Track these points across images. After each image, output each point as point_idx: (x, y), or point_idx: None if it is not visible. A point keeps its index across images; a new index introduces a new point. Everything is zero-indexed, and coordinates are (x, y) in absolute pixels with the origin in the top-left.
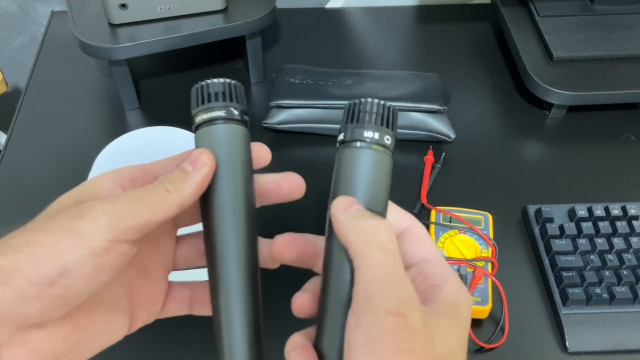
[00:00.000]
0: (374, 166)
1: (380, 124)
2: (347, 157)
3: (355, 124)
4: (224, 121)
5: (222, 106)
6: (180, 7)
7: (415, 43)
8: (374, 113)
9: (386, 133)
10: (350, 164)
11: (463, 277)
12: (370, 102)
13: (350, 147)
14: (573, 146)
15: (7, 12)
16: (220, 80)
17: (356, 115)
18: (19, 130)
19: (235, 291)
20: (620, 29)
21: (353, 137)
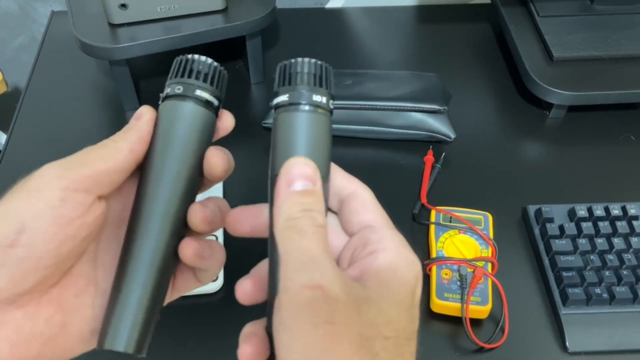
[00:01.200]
0: (312, 129)
1: (314, 84)
2: (283, 122)
3: (288, 86)
4: (193, 101)
5: (198, 86)
6: (180, 7)
7: (415, 43)
8: (307, 73)
9: (321, 93)
10: (288, 129)
11: (463, 277)
12: (302, 62)
13: (286, 112)
14: (573, 146)
15: (7, 12)
16: (207, 60)
17: (289, 77)
18: (19, 130)
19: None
20: (620, 29)
21: (288, 101)
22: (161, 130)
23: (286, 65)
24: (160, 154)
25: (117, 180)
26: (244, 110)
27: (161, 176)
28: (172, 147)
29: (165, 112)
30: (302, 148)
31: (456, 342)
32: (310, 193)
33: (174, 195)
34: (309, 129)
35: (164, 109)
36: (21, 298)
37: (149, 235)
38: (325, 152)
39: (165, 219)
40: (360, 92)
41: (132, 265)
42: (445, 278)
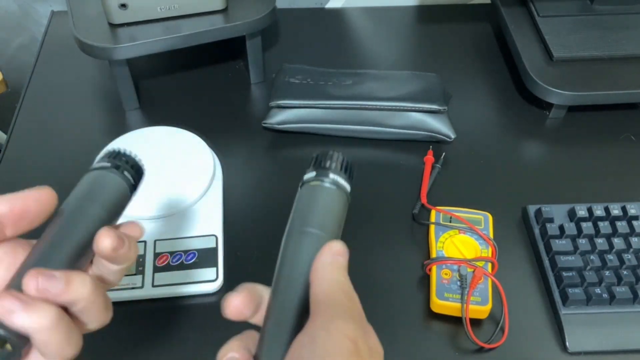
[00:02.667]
0: (329, 200)
1: (341, 170)
2: (307, 191)
3: (320, 169)
4: (110, 170)
5: (116, 164)
6: (180, 7)
7: (415, 43)
8: (337, 161)
9: (345, 178)
10: (310, 197)
11: (463, 277)
12: (336, 154)
13: (311, 185)
14: (573, 146)
15: (7, 12)
16: (133, 153)
17: (322, 161)
18: (19, 130)
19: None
20: (620, 29)
21: (314, 177)
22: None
23: (321, 154)
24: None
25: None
26: (244, 110)
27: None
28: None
29: (89, 180)
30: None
31: (456, 342)
32: (344, 269)
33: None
34: (327, 199)
35: (89, 176)
36: None
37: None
38: (338, 220)
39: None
40: (360, 92)
41: None
42: (445, 278)
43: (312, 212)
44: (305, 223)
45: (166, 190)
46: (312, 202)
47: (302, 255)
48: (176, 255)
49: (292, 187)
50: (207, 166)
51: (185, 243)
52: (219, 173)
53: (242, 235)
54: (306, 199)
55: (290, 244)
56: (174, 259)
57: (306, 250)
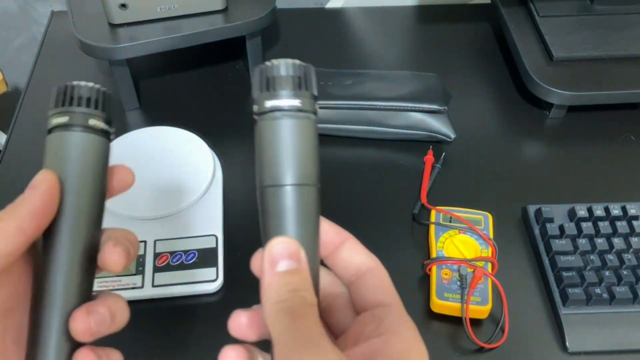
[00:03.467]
0: (297, 136)
1: (296, 88)
2: (266, 130)
3: (268, 92)
4: (81, 129)
5: (82, 112)
6: (180, 7)
7: (415, 43)
8: (288, 76)
9: (303, 96)
10: (272, 138)
11: (463, 277)
12: (281, 64)
13: (267, 120)
14: (573, 146)
15: (7, 12)
16: (88, 84)
17: (269, 82)
18: (19, 130)
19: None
20: (620, 29)
21: (268, 108)
22: (52, 166)
23: (263, 69)
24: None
25: (5, 262)
26: (244, 110)
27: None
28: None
29: (53, 146)
30: (289, 156)
31: (456, 342)
32: (295, 272)
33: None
34: (294, 136)
35: (50, 142)
36: None
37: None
38: (313, 158)
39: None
40: (360, 92)
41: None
42: (445, 278)
43: (280, 166)
44: (275, 176)
45: (166, 190)
46: (275, 152)
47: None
48: (176, 255)
49: None
50: (207, 166)
51: (185, 243)
52: (219, 173)
53: (242, 235)
54: (266, 147)
55: (267, 210)
56: (174, 259)
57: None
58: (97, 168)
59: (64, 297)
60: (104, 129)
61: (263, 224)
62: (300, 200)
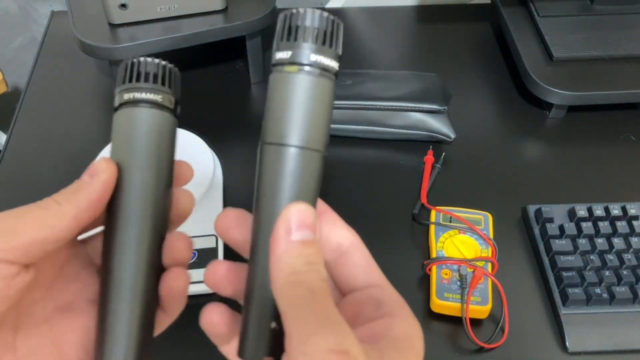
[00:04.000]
0: (312, 95)
1: (321, 43)
2: (280, 83)
3: (288, 42)
4: (149, 105)
5: (150, 88)
6: (180, 7)
7: (415, 43)
8: (313, 28)
9: (325, 53)
10: (285, 93)
11: (463, 277)
12: (307, 14)
13: (284, 72)
14: (573, 146)
15: (7, 12)
16: (155, 60)
17: (292, 31)
18: (19, 130)
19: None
20: (620, 29)
21: (288, 59)
22: (120, 143)
23: (290, 15)
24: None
25: (52, 249)
26: (244, 110)
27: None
28: (136, 158)
29: (120, 124)
30: (299, 115)
31: (456, 342)
32: (312, 244)
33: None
34: (309, 95)
35: (117, 119)
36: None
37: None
38: (325, 122)
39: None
40: (360, 92)
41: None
42: (445, 278)
43: (288, 123)
44: (282, 135)
45: None
46: (285, 108)
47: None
48: None
49: None
50: (207, 166)
51: None
52: (219, 173)
53: None
54: (276, 101)
55: (266, 168)
56: None
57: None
58: (165, 143)
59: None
60: (170, 107)
61: (259, 184)
62: (304, 165)
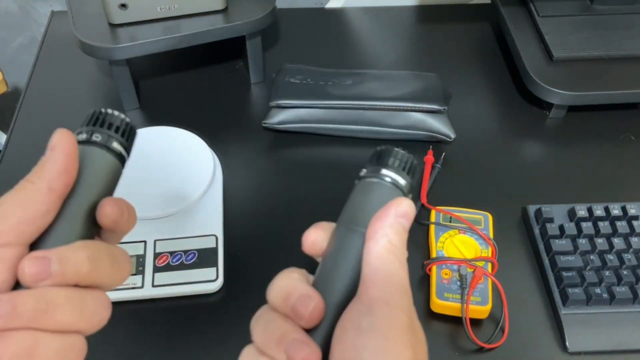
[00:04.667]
0: (384, 199)
1: (401, 169)
2: (366, 186)
3: (383, 164)
4: (101, 147)
5: (106, 134)
6: (180, 7)
7: (415, 43)
8: (398, 159)
9: (404, 178)
10: (368, 193)
11: (463, 277)
12: (398, 151)
13: (370, 180)
14: (573, 146)
15: (7, 12)
16: (121, 115)
17: (382, 157)
18: (19, 130)
19: None
20: (620, 29)
21: (374, 174)
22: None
23: (384, 150)
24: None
25: (44, 223)
26: (244, 110)
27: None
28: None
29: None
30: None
31: (456, 342)
32: (406, 232)
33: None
34: (383, 199)
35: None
36: None
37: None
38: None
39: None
40: (360, 92)
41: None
42: (445, 278)
43: (363, 210)
44: (354, 221)
45: (166, 190)
46: (364, 199)
47: (349, 254)
48: (176, 255)
49: (292, 186)
50: (207, 166)
51: (185, 243)
52: (219, 173)
53: (242, 235)
54: (359, 195)
55: (338, 241)
56: (174, 259)
57: (353, 248)
58: (108, 182)
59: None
60: (122, 154)
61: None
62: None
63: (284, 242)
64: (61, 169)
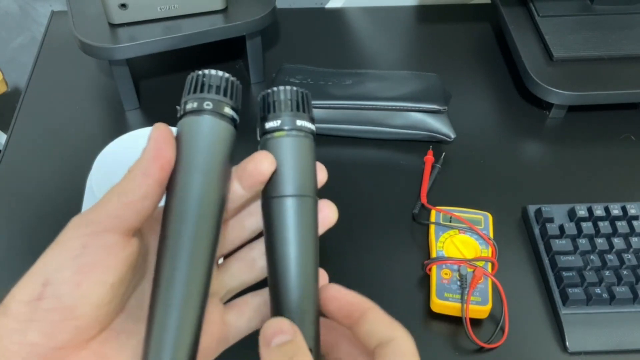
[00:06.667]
0: (297, 152)
1: (293, 109)
2: (269, 148)
3: (270, 113)
4: (210, 114)
5: (212, 99)
6: (180, 7)
7: (415, 43)
8: (287, 100)
9: (300, 118)
10: (275, 154)
11: (463, 277)
12: (282, 90)
13: (271, 138)
14: (573, 146)
15: (7, 12)
16: (219, 73)
17: (271, 105)
18: (19, 130)
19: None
20: (620, 29)
21: (271, 127)
22: (182, 149)
23: (267, 95)
24: (183, 175)
25: (143, 208)
26: (244, 110)
27: (187, 201)
28: (195, 165)
29: (184, 131)
30: (291, 168)
31: (456, 342)
32: (289, 342)
33: (204, 220)
34: (295, 152)
35: (182, 127)
36: (57, 352)
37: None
38: (310, 171)
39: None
40: (360, 92)
41: (167, 307)
42: (445, 278)
43: (283, 178)
44: (277, 189)
45: None
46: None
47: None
48: None
49: None
50: None
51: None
52: None
53: None
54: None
55: (270, 219)
56: None
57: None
58: (223, 150)
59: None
60: (232, 116)
61: (267, 234)
62: (300, 209)
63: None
64: (153, 154)
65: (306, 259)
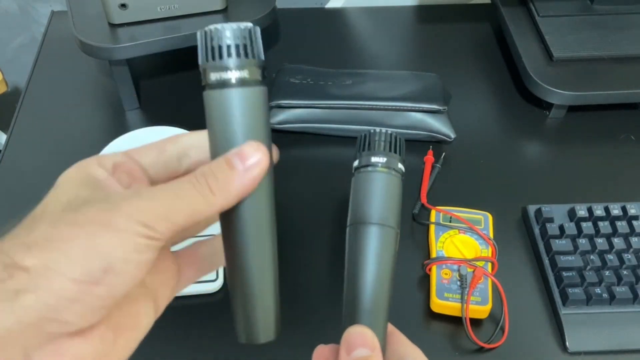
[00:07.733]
0: (385, 186)
1: (388, 150)
2: (361, 180)
3: (367, 151)
4: (241, 85)
5: (239, 66)
6: (180, 7)
7: (415, 43)
8: (383, 141)
9: (394, 158)
10: (365, 185)
11: (463, 277)
12: (379, 132)
13: (364, 172)
14: (573, 146)
15: (7, 12)
16: (233, 26)
17: (368, 144)
18: (19, 130)
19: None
20: (620, 29)
21: (366, 163)
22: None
23: (367, 135)
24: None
25: (199, 228)
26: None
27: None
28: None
29: (213, 107)
30: (375, 203)
31: (456, 342)
32: (369, 358)
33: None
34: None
35: (209, 99)
36: (84, 330)
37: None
38: (396, 207)
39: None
40: (361, 92)
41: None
42: (445, 278)
43: (369, 203)
44: (364, 217)
45: None
46: (366, 193)
47: (369, 249)
48: None
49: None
50: None
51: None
52: None
53: None
54: (360, 190)
55: (353, 240)
56: None
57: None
58: (262, 117)
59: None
60: (258, 79)
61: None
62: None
63: (283, 242)
64: (242, 194)
65: (384, 278)
